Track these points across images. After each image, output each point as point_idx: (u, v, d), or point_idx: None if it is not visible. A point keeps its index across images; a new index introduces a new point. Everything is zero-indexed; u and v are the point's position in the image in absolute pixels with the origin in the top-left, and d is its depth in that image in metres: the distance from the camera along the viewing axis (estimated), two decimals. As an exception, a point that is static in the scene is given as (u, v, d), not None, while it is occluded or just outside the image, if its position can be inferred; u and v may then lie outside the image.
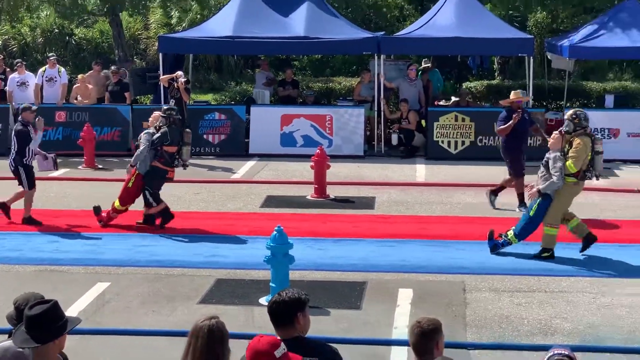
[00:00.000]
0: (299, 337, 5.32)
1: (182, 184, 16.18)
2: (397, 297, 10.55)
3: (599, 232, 12.65)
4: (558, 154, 11.85)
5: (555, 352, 4.96)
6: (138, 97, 23.30)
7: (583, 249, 12.17)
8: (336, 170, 17.13)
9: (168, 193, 14.10)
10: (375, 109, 20.53)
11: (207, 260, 12.02)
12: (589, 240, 12.14)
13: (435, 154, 19.53)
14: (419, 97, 21.09)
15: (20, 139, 13.41)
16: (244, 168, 18.58)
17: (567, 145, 11.93)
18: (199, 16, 26.83)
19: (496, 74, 26.64)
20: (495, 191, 15.05)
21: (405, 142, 20.16)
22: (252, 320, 9.72)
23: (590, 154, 11.92)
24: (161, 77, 19.75)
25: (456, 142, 19.62)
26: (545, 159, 11.98)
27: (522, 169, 14.80)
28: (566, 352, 4.96)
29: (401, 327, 9.44)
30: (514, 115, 14.55)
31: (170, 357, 8.31)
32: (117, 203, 13.56)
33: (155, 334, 9.31)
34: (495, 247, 12.27)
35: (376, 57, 20.34)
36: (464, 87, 24.08)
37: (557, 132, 12.13)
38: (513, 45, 20.26)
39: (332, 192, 15.97)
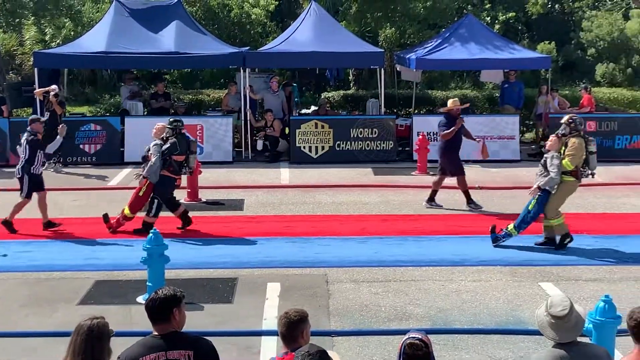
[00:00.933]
0: (176, 332, 5.24)
1: (60, 191, 15.71)
2: (266, 291, 10.53)
3: (438, 224, 12.96)
4: (555, 153, 12.06)
5: (410, 335, 5.04)
6: (15, 109, 22.49)
7: (559, 245, 12.38)
8: (207, 175, 17.01)
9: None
10: (242, 118, 20.50)
11: (86, 263, 11.70)
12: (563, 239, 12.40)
13: (298, 159, 19.63)
14: (282, 107, 21.21)
15: (32, 147, 13.05)
16: (120, 175, 18.19)
17: (563, 147, 12.18)
18: (72, 33, 26.10)
19: (351, 84, 26.98)
20: (431, 199, 15.07)
21: (270, 148, 20.22)
22: (130, 319, 9.52)
23: (585, 153, 12.22)
24: (35, 90, 19.19)
25: (317, 147, 19.77)
26: (543, 159, 12.19)
27: (461, 168, 14.94)
28: (419, 336, 5.03)
29: (270, 319, 9.42)
30: (457, 121, 14.72)
31: (49, 356, 8.05)
32: (127, 210, 13.17)
33: (35, 335, 8.99)
34: (497, 239, 12.44)
35: (242, 71, 20.29)
36: (322, 97, 24.30)
37: (554, 135, 12.31)
38: (365, 58, 20.57)
39: (204, 195, 15.83)
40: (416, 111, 23.27)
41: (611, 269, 11.44)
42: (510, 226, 12.41)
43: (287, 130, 20.35)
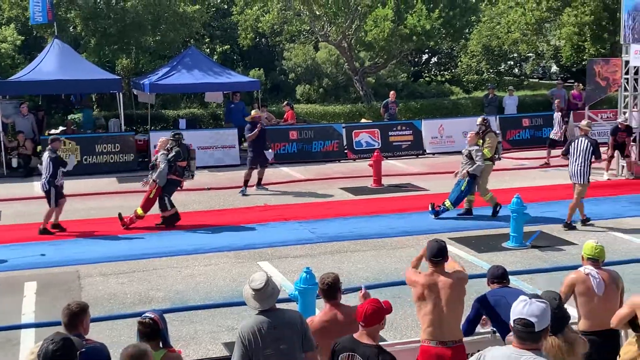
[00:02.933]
0: None
1: None
2: (23, 289, 9.91)
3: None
4: (476, 147, 13.30)
5: (144, 315, 5.10)
6: None
7: (494, 214, 13.55)
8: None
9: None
10: None
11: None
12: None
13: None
14: (32, 128, 20.02)
15: (55, 164, 12.75)
16: None
17: (480, 141, 13.55)
18: None
19: (94, 106, 26.01)
20: (246, 184, 16.10)
21: (23, 165, 19.03)
22: None
23: (496, 144, 13.75)
24: None
25: (66, 162, 18.84)
26: (466, 151, 13.36)
27: (263, 161, 16.17)
28: (151, 315, 5.11)
29: (28, 314, 8.89)
30: (257, 126, 15.95)
31: None
32: (140, 211, 13.18)
33: None
34: (437, 213, 13.46)
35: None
36: (69, 118, 23.25)
37: (472, 132, 13.61)
38: (105, 84, 20.00)
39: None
40: (152, 128, 22.95)
41: (312, 246, 12.00)
42: (447, 202, 13.42)
43: (38, 149, 19.20)
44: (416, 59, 36.06)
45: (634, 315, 5.79)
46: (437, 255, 5.98)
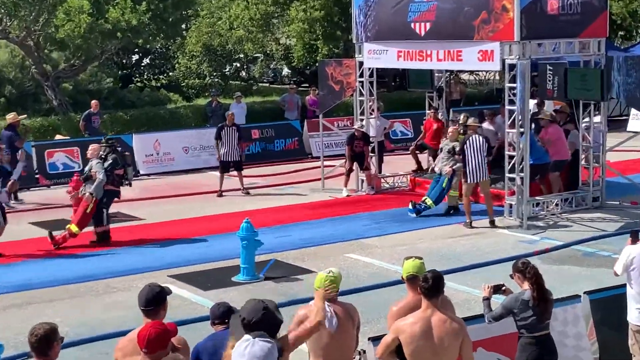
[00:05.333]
0: None
1: None
2: None
3: None
4: (456, 142, 15.23)
5: None
6: None
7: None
8: None
9: None
10: None
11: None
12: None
13: None
14: None
15: None
16: None
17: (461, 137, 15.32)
18: None
19: None
20: None
21: None
22: None
23: None
24: None
25: None
26: (449, 147, 15.40)
27: None
28: None
29: None
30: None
31: None
32: (74, 228, 13.76)
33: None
34: (419, 212, 15.36)
35: None
36: None
37: (454, 127, 15.94)
38: None
39: None
40: None
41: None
42: (429, 200, 15.36)
43: None
44: (124, 61, 35.72)
45: (399, 342, 6.15)
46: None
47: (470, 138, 14.80)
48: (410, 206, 15.72)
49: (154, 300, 5.97)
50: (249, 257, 12.11)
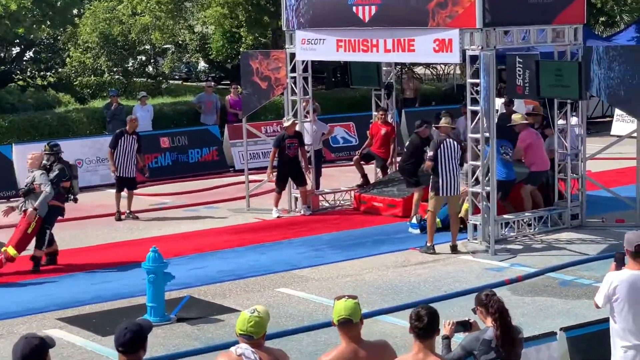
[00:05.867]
0: None
1: None
2: None
3: None
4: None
5: None
6: None
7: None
8: None
9: None
10: None
11: None
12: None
13: None
14: None
15: None
16: None
17: None
18: None
19: None
20: None
21: None
22: None
23: None
24: None
25: None
26: None
27: None
28: None
29: None
30: None
31: None
32: (12, 250, 13.93)
33: None
34: (423, 228, 15.80)
35: None
36: None
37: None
38: None
39: None
40: None
41: None
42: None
43: None
44: (2, 54, 35.28)
45: None
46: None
47: (444, 142, 14.89)
48: (413, 220, 16.26)
49: (32, 356, 5.87)
50: (158, 293, 12.03)
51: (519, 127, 16.38)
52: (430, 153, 15.01)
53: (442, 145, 14.83)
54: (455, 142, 15.00)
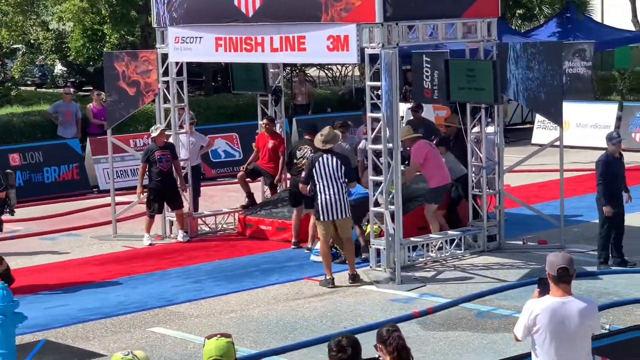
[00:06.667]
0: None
1: None
2: None
3: None
4: None
5: None
6: None
7: None
8: None
9: None
10: None
11: None
12: None
13: None
14: None
15: None
16: None
17: None
18: None
19: None
20: None
21: None
22: None
23: None
24: None
25: None
26: None
27: None
28: None
29: None
30: None
31: None
32: None
33: None
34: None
35: None
36: None
37: None
38: None
39: None
40: None
41: None
42: None
43: None
44: None
45: None
46: None
47: (321, 158, 14.75)
48: (317, 246, 15.77)
49: None
50: (7, 338, 11.80)
51: (406, 143, 16.06)
52: (302, 174, 15.02)
53: (317, 164, 14.68)
54: (334, 158, 14.71)
